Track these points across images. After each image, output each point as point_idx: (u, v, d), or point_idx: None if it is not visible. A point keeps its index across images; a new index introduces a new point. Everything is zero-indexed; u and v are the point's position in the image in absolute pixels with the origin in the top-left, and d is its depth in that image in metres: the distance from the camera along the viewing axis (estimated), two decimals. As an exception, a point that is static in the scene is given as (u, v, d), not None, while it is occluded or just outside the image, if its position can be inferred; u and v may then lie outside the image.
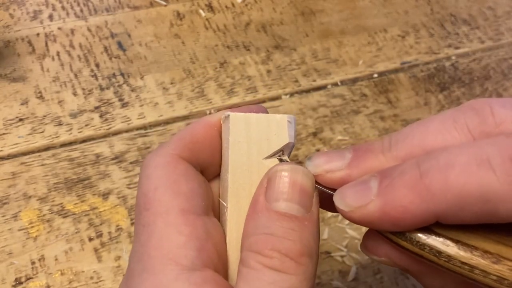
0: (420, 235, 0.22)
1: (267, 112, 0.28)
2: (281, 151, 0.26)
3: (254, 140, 0.26)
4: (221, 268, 0.24)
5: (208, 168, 0.27)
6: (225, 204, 0.25)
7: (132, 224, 0.41)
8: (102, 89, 0.49)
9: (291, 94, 0.51)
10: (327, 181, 0.24)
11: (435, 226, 0.22)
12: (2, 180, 0.42)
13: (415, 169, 0.22)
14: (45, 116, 0.46)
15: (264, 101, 0.50)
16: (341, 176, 0.24)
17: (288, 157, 0.26)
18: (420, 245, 0.22)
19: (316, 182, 0.25)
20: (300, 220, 0.23)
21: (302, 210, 0.23)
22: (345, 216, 0.23)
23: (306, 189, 0.24)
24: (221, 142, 0.27)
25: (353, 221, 0.23)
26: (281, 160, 0.26)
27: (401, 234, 0.22)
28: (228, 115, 0.26)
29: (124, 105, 0.48)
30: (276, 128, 0.26)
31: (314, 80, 0.52)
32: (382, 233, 0.23)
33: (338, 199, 0.23)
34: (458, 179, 0.20)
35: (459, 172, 0.20)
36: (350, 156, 0.24)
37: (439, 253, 0.22)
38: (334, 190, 0.24)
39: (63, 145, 0.45)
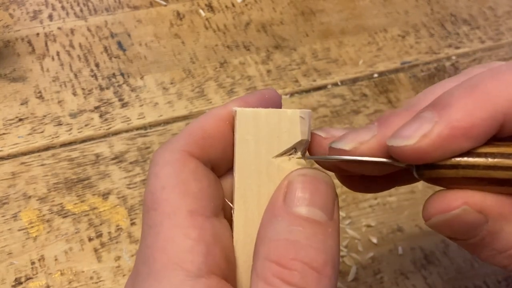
0: (491, 146, 0.20)
1: (279, 96, 0.26)
2: (293, 149, 0.24)
3: (263, 138, 0.24)
4: (229, 273, 0.23)
5: (220, 164, 0.25)
6: (231, 205, 0.24)
7: (132, 224, 0.41)
8: (102, 89, 0.48)
9: (291, 94, 0.51)
10: (364, 152, 0.23)
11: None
12: (2, 180, 0.42)
13: (463, 86, 0.21)
14: (45, 116, 0.46)
15: (264, 101, 0.50)
16: (376, 141, 0.22)
17: (303, 155, 0.25)
18: (498, 155, 0.20)
19: (343, 164, 0.23)
20: (323, 226, 0.22)
21: (325, 217, 0.22)
22: (408, 154, 0.21)
23: (329, 195, 0.22)
24: (233, 137, 0.25)
25: (417, 156, 0.21)
26: (292, 158, 0.24)
27: (470, 154, 0.21)
28: (235, 111, 0.24)
29: (124, 105, 0.48)
30: (287, 124, 0.24)
31: (314, 80, 0.52)
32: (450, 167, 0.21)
33: (394, 139, 0.21)
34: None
35: (510, 72, 0.20)
36: (375, 124, 0.23)
37: None
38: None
39: (63, 145, 0.45)
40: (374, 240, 0.43)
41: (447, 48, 0.57)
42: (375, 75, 0.53)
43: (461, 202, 0.21)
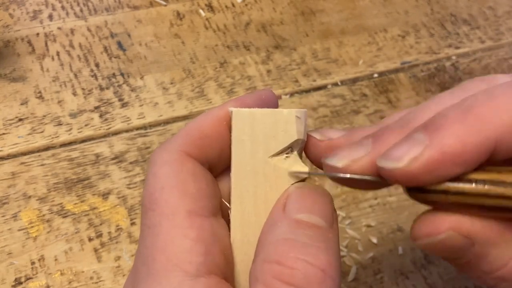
0: (482, 172, 0.20)
1: (276, 97, 0.26)
2: (290, 148, 0.24)
3: (259, 138, 0.24)
4: (229, 272, 0.23)
5: (217, 164, 0.25)
6: (228, 205, 0.24)
7: (132, 224, 0.41)
8: (102, 89, 0.48)
9: (291, 94, 0.51)
10: (356, 170, 0.22)
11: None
12: (2, 180, 0.42)
13: (457, 108, 0.21)
14: (44, 116, 0.46)
15: (264, 101, 0.50)
16: (369, 160, 0.22)
17: (300, 154, 0.25)
18: (488, 182, 0.20)
19: (340, 180, 0.23)
20: (324, 231, 0.21)
21: (325, 224, 0.22)
22: (397, 176, 0.21)
23: (327, 206, 0.22)
24: (230, 137, 0.25)
25: (406, 179, 0.20)
26: (289, 157, 0.24)
27: (460, 180, 0.21)
28: (231, 111, 0.24)
29: (124, 105, 0.48)
30: (283, 124, 0.24)
31: (314, 80, 0.52)
32: (438, 192, 0.21)
33: (384, 161, 0.21)
34: (508, 99, 0.20)
35: (505, 95, 0.20)
36: (370, 140, 0.23)
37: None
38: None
39: (63, 145, 0.45)
40: (374, 240, 0.43)
41: (447, 48, 0.57)
42: (375, 75, 0.53)
43: (448, 226, 0.21)
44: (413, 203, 0.23)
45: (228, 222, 0.24)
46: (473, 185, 0.20)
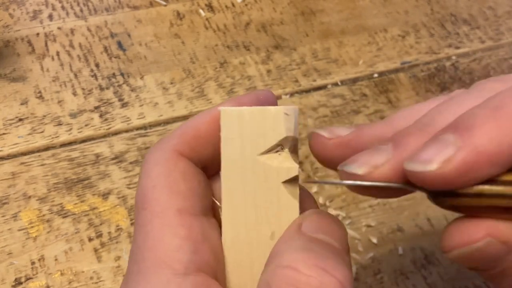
0: None
1: (274, 97, 0.26)
2: (279, 146, 0.24)
3: (248, 136, 0.24)
4: (219, 271, 0.23)
5: (211, 163, 0.25)
6: (218, 204, 0.24)
7: (132, 224, 0.41)
8: (102, 89, 0.48)
9: (291, 94, 0.51)
10: (378, 176, 0.21)
11: None
12: (2, 180, 0.42)
13: (485, 108, 0.20)
14: (45, 116, 0.46)
15: (264, 101, 0.50)
16: (391, 165, 0.21)
17: (293, 152, 0.24)
18: None
19: (360, 188, 0.23)
20: (340, 252, 0.21)
21: (341, 248, 0.21)
22: (428, 180, 0.19)
23: (343, 233, 0.22)
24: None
25: (438, 182, 0.19)
26: (279, 155, 0.24)
27: (494, 182, 0.19)
28: (220, 110, 0.24)
29: (124, 105, 0.48)
30: (271, 122, 0.24)
31: (314, 80, 0.52)
32: (471, 195, 0.20)
33: (412, 164, 0.20)
34: None
35: None
36: (390, 145, 0.21)
37: None
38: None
39: (63, 145, 0.45)
40: (374, 240, 0.43)
41: (447, 48, 0.57)
42: (375, 75, 0.53)
43: (484, 233, 0.20)
44: (413, 203, 0.23)
45: (221, 222, 0.24)
46: (509, 186, 0.19)
